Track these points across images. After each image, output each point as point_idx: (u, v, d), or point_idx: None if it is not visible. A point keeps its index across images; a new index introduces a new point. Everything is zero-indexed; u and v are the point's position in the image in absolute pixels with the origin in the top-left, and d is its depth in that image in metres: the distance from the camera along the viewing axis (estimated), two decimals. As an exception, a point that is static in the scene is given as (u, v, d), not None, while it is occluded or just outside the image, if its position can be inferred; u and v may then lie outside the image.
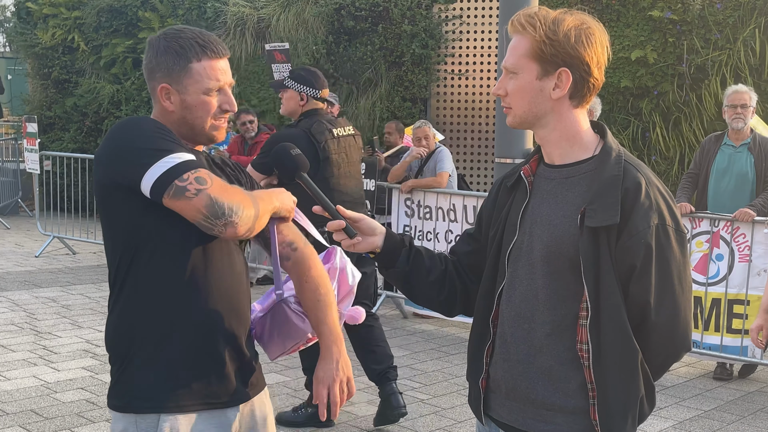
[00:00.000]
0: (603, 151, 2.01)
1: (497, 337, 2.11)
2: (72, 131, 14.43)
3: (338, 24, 12.01)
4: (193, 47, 2.16)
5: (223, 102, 2.21)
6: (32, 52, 14.94)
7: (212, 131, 2.23)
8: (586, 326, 1.94)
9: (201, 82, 2.17)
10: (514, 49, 2.00)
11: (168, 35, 2.20)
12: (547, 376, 2.00)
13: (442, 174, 7.59)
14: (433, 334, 7.10)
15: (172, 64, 2.16)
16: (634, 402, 1.98)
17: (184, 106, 2.18)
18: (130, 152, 2.08)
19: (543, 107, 2.00)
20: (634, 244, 1.91)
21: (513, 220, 2.08)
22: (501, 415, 2.11)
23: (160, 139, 2.09)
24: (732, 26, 9.54)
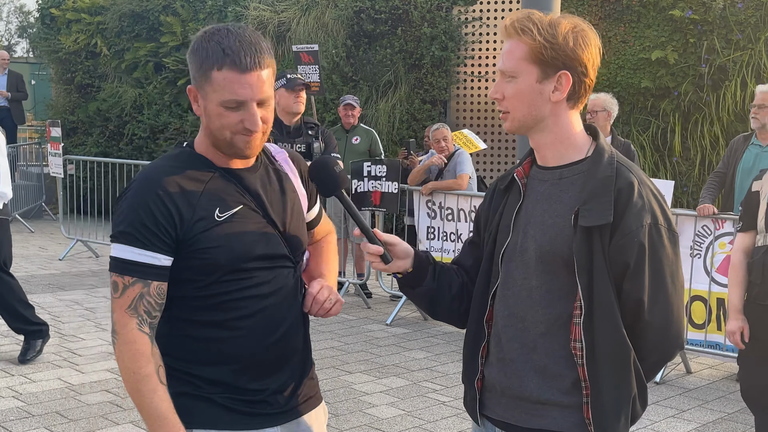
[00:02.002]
0: (596, 152, 2.03)
1: (491, 337, 2.14)
2: (95, 135, 14.56)
3: (358, 27, 12.04)
4: (216, 54, 1.99)
5: (245, 119, 2.02)
6: (55, 58, 15.09)
7: (238, 146, 2.05)
8: (580, 324, 1.97)
9: (219, 93, 2.00)
10: (511, 53, 2.01)
11: (205, 35, 2.04)
12: (542, 374, 2.02)
13: (463, 176, 7.60)
14: (454, 336, 7.11)
15: (196, 67, 2.03)
16: (627, 400, 2.00)
17: (207, 113, 2.05)
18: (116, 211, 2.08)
19: (542, 110, 2.02)
20: (628, 243, 1.94)
21: (506, 222, 2.11)
22: (497, 413, 2.12)
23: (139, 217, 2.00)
24: (753, 26, 9.48)
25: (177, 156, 2.12)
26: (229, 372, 2.10)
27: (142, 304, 2.01)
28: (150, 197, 2.01)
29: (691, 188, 9.80)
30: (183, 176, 2.06)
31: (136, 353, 1.99)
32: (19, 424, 4.80)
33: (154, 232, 2.00)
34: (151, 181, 2.04)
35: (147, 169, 2.11)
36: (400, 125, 11.75)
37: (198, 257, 2.03)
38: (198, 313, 2.08)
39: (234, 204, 2.08)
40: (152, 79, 13.98)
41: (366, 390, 5.57)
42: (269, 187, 2.17)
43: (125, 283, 2.01)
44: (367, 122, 11.29)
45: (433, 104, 11.78)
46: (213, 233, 2.04)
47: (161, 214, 2.01)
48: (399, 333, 7.17)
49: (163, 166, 2.09)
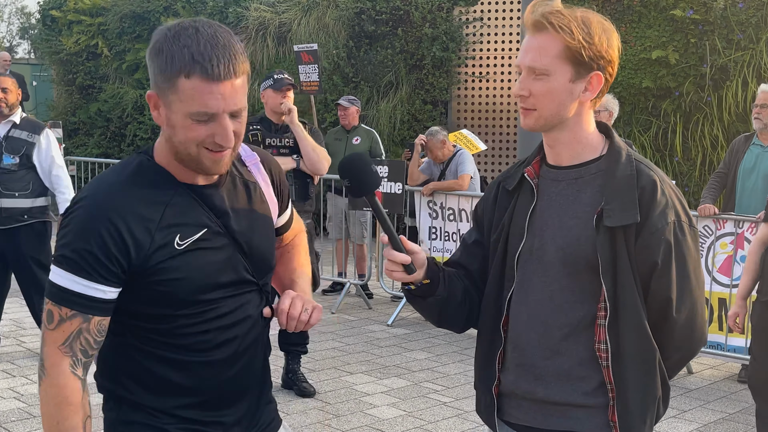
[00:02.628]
0: (611, 150, 2.00)
1: (508, 343, 2.08)
2: (96, 136, 14.57)
3: (359, 28, 12.04)
4: (183, 59, 1.70)
5: (216, 135, 1.75)
6: (56, 59, 15.11)
7: (204, 164, 1.80)
8: (605, 326, 1.93)
9: (186, 104, 1.72)
10: (544, 50, 1.91)
11: (170, 34, 1.75)
12: (566, 377, 1.99)
13: (464, 176, 7.60)
14: (455, 336, 7.10)
15: (158, 71, 1.74)
16: (653, 402, 1.97)
17: (170, 124, 1.77)
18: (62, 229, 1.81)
19: (568, 110, 1.96)
20: (655, 242, 1.91)
21: (519, 224, 2.04)
22: (517, 417, 2.08)
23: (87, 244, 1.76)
24: (755, 26, 9.47)
25: (134, 169, 1.86)
26: (185, 405, 1.92)
27: (79, 342, 1.78)
28: (102, 223, 1.76)
29: (692, 188, 9.80)
30: (140, 196, 1.81)
31: (63, 402, 1.76)
32: (21, 425, 4.81)
33: (104, 263, 1.76)
34: (104, 202, 1.78)
35: (99, 184, 1.84)
36: (401, 126, 11.75)
37: (155, 289, 1.81)
38: (153, 345, 1.87)
39: (196, 228, 1.85)
40: (153, 80, 13.98)
41: (367, 390, 5.57)
42: (237, 203, 1.94)
43: (62, 315, 1.77)
44: (368, 123, 11.29)
45: (434, 105, 11.78)
46: (173, 264, 1.81)
47: (114, 243, 1.76)
48: (400, 333, 7.17)
49: (117, 182, 1.83)
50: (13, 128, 5.96)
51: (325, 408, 5.20)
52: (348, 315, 7.80)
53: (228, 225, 1.89)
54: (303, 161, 5.30)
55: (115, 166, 1.90)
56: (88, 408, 1.80)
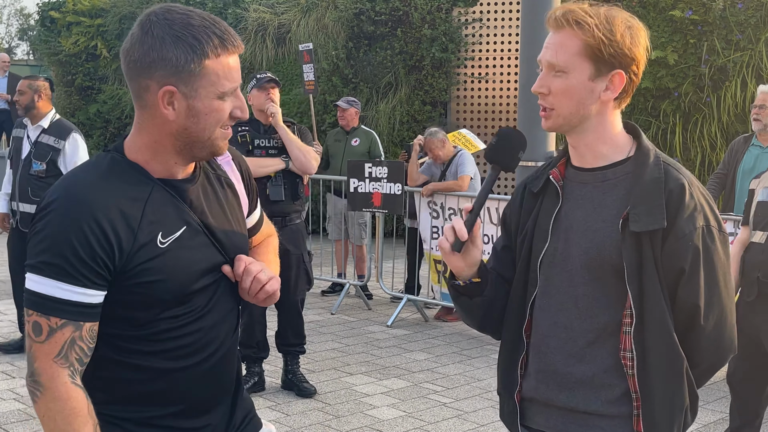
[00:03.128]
0: (639, 152, 1.94)
1: (531, 348, 2.03)
2: (95, 137, 14.57)
3: (358, 29, 12.04)
4: (211, 40, 1.69)
5: (236, 107, 1.77)
6: (56, 60, 15.11)
7: (219, 143, 1.78)
8: (630, 333, 1.88)
9: (217, 85, 1.71)
10: (564, 46, 1.87)
11: (174, 22, 1.70)
12: (589, 385, 1.94)
13: (463, 177, 7.59)
14: (454, 337, 7.10)
15: (185, 60, 1.68)
16: (680, 412, 1.92)
17: (191, 114, 1.72)
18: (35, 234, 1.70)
19: (589, 109, 1.91)
20: (682, 247, 1.86)
21: (544, 227, 2.00)
22: (539, 423, 2.04)
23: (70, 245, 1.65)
24: (754, 27, 9.48)
25: (107, 166, 1.76)
26: (166, 414, 1.83)
27: (74, 352, 1.67)
28: (84, 220, 1.65)
29: (692, 189, 9.79)
30: (119, 192, 1.72)
31: (71, 413, 1.66)
32: (20, 426, 4.80)
33: (88, 264, 1.65)
34: (81, 200, 1.67)
35: (71, 182, 1.73)
36: (401, 127, 11.76)
37: (137, 291, 1.72)
38: (130, 354, 1.78)
39: (177, 226, 1.78)
40: (152, 81, 13.99)
41: (367, 391, 5.56)
42: (211, 199, 1.88)
43: (52, 326, 1.66)
44: (367, 124, 11.29)
45: (433, 106, 11.78)
46: (156, 263, 1.73)
47: (98, 242, 1.66)
48: (400, 334, 7.17)
49: (92, 180, 1.72)
50: (42, 133, 5.98)
51: (325, 409, 5.19)
52: (347, 316, 7.80)
53: (206, 222, 1.84)
54: (292, 162, 5.31)
55: (84, 165, 1.81)
56: (95, 414, 1.71)
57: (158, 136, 1.76)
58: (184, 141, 1.75)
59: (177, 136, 1.75)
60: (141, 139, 1.78)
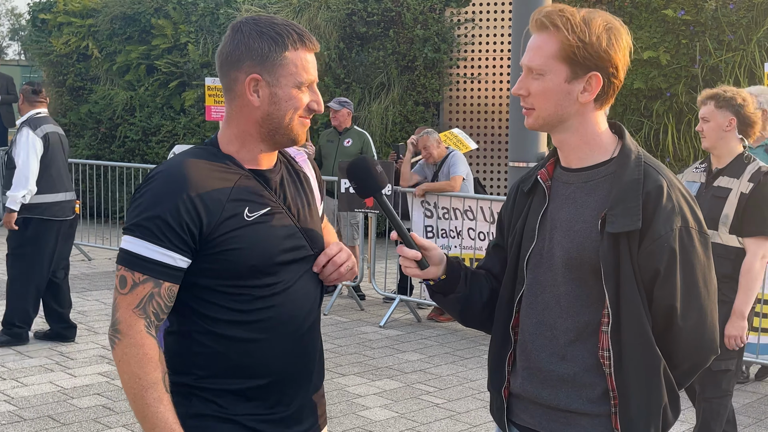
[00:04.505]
0: (622, 153, 1.97)
1: (518, 345, 2.07)
2: (87, 138, 14.52)
3: (350, 29, 12.03)
4: (291, 35, 1.94)
5: (312, 100, 1.99)
6: (47, 60, 15.05)
7: (297, 130, 1.99)
8: (608, 333, 1.91)
9: (295, 74, 1.94)
10: (540, 49, 1.92)
11: (260, 21, 1.96)
12: (571, 383, 1.97)
13: (456, 178, 7.59)
14: (447, 338, 7.10)
15: (268, 50, 1.92)
16: (657, 410, 1.94)
17: (273, 100, 1.94)
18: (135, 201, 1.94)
19: (568, 110, 1.94)
20: (658, 249, 1.88)
21: (531, 226, 2.04)
22: (524, 420, 2.08)
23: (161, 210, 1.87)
24: (745, 27, 9.51)
25: (204, 153, 2.00)
26: (256, 387, 1.98)
27: (151, 305, 1.87)
28: (177, 192, 1.88)
29: (684, 189, 9.82)
30: (211, 172, 1.94)
31: (143, 358, 1.84)
32: (11, 428, 4.78)
33: (175, 230, 1.87)
34: (178, 174, 1.91)
35: (172, 162, 1.97)
36: (393, 127, 11.75)
37: (225, 258, 1.91)
38: (221, 325, 1.95)
39: (263, 205, 1.98)
40: (144, 82, 13.95)
41: (359, 392, 5.56)
42: (292, 188, 2.08)
43: (135, 280, 1.87)
44: (360, 124, 11.29)
45: (426, 106, 11.79)
46: (242, 233, 1.93)
47: (186, 210, 1.87)
48: (392, 335, 7.16)
49: (190, 161, 1.95)
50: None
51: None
52: (340, 316, 7.79)
53: (288, 205, 2.03)
54: None
55: (185, 152, 2.02)
56: (165, 365, 1.88)
57: (245, 125, 1.97)
58: (268, 127, 1.96)
59: (262, 123, 1.96)
60: (231, 131, 2.00)
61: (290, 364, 2.02)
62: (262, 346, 1.97)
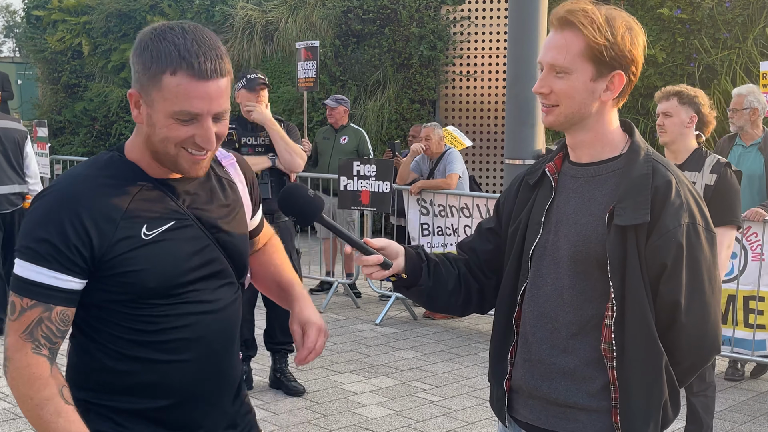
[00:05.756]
0: (631, 149, 1.97)
1: (520, 337, 2.08)
2: (82, 135, 14.50)
3: (346, 27, 12.02)
4: (170, 56, 1.70)
5: (197, 136, 1.75)
6: (41, 57, 15.02)
7: (182, 165, 1.79)
8: (611, 326, 1.91)
9: (170, 102, 1.72)
10: (565, 48, 1.90)
11: (156, 32, 1.74)
12: (571, 376, 1.97)
13: (452, 175, 7.59)
14: (443, 335, 7.10)
15: (142, 69, 1.73)
16: (657, 406, 1.94)
17: (149, 122, 1.76)
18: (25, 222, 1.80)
19: (590, 108, 1.94)
20: (665, 243, 1.88)
21: (536, 218, 2.04)
22: (523, 415, 2.08)
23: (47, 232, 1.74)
24: (741, 25, 9.52)
25: (104, 164, 1.84)
26: (158, 408, 1.87)
27: (40, 330, 1.75)
28: (64, 211, 1.74)
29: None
30: (107, 188, 1.79)
31: (31, 377, 1.74)
32: (7, 426, 4.77)
33: (63, 252, 1.74)
34: (68, 193, 1.77)
35: (67, 177, 1.82)
36: (389, 125, 11.74)
37: (120, 280, 1.78)
38: (122, 343, 1.83)
39: (165, 219, 1.82)
40: (139, 79, 13.94)
41: (355, 390, 5.55)
42: (210, 197, 1.92)
43: (23, 306, 1.75)
44: (356, 122, 11.28)
45: (421, 104, 11.78)
46: (138, 254, 1.78)
47: (74, 232, 1.73)
48: (388, 333, 7.16)
49: (85, 175, 1.81)
50: None
51: (313, 407, 5.18)
52: (336, 314, 7.78)
53: (200, 217, 1.88)
54: (278, 159, 5.28)
55: (85, 162, 1.89)
56: (61, 379, 1.78)
57: (142, 137, 1.83)
58: (153, 149, 1.80)
59: (147, 141, 1.81)
60: (137, 137, 1.85)
61: (200, 385, 1.90)
62: (168, 366, 1.85)
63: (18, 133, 6.72)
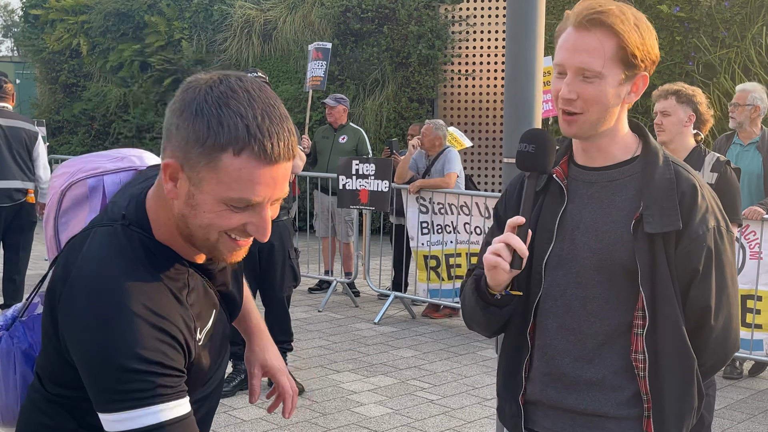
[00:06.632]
0: (647, 151, 1.90)
1: (536, 351, 1.97)
2: (80, 134, 14.49)
3: (344, 26, 12.02)
4: (237, 131, 1.34)
5: (250, 225, 1.42)
6: (39, 57, 15.01)
7: (221, 250, 1.46)
8: (642, 335, 1.85)
9: (225, 186, 1.37)
10: (597, 51, 1.78)
11: (213, 92, 1.37)
12: (599, 387, 1.90)
13: (450, 174, 7.59)
14: (441, 334, 7.10)
15: (194, 138, 1.35)
16: (689, 412, 1.89)
17: (191, 204, 1.41)
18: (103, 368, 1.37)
19: (614, 112, 1.85)
20: (696, 248, 1.83)
21: (548, 226, 1.94)
22: (545, 426, 1.99)
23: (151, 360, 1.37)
24: (739, 24, 9.52)
25: (136, 248, 1.46)
26: None
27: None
28: (147, 327, 1.38)
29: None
30: (162, 283, 1.45)
31: None
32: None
33: (177, 370, 1.41)
34: (132, 300, 1.39)
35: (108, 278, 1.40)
36: (388, 123, 11.75)
37: None
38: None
39: (209, 312, 1.56)
40: (138, 78, 13.93)
41: (354, 389, 5.55)
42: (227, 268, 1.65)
43: None
44: (354, 120, 11.28)
45: (420, 102, 11.78)
46: (194, 363, 1.51)
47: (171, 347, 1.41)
48: (387, 331, 7.16)
49: (130, 269, 1.43)
50: None
51: (312, 406, 5.18)
52: (335, 313, 7.78)
53: (222, 294, 1.64)
54: None
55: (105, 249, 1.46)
56: None
57: (171, 214, 1.47)
58: (184, 231, 1.46)
59: (178, 220, 1.45)
60: (161, 214, 1.49)
61: None
62: None
63: (27, 133, 6.87)
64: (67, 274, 1.44)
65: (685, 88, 4.24)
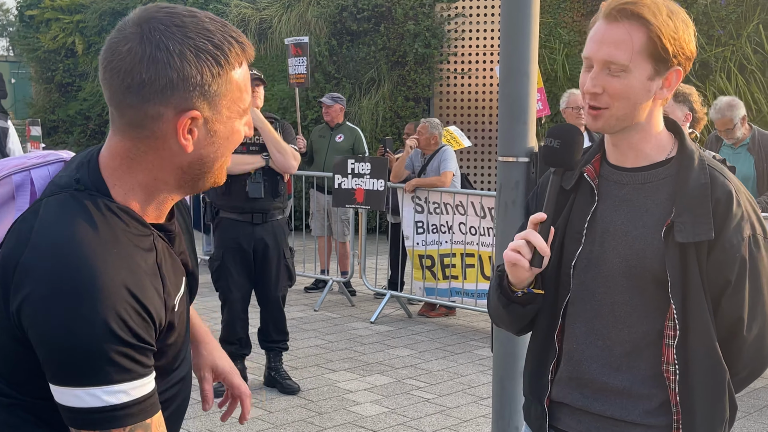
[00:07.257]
0: (683, 153, 1.82)
1: (563, 354, 1.93)
2: (75, 134, 14.47)
3: (340, 25, 12.01)
4: (233, 47, 1.38)
5: (246, 124, 1.47)
6: (35, 56, 14.99)
7: (224, 169, 1.48)
8: (673, 346, 1.79)
9: (239, 101, 1.40)
10: (625, 44, 1.71)
11: (186, 27, 1.34)
12: (627, 395, 1.86)
13: (446, 173, 7.58)
14: (438, 333, 7.10)
15: (211, 77, 1.35)
16: (720, 425, 1.84)
17: (210, 141, 1.40)
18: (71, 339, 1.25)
19: (643, 109, 1.77)
20: (729, 259, 1.76)
21: (577, 228, 1.87)
22: (570, 425, 1.95)
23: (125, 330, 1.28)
24: (735, 22, 9.53)
25: (100, 210, 1.35)
26: None
27: None
28: (117, 299, 1.27)
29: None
30: (131, 250, 1.34)
31: None
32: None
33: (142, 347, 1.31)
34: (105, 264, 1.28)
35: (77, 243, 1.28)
36: (384, 122, 11.74)
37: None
38: None
39: (179, 279, 1.49)
40: (133, 78, 13.93)
41: (350, 388, 5.55)
42: (185, 232, 1.60)
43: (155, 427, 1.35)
44: (350, 120, 11.27)
45: (416, 101, 11.78)
46: (170, 330, 1.43)
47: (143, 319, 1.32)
48: (383, 331, 7.16)
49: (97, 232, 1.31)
50: None
51: (308, 405, 5.17)
52: (331, 312, 7.78)
53: (186, 264, 1.55)
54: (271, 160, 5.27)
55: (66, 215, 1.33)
56: None
57: (161, 172, 1.40)
58: (195, 173, 1.43)
59: (187, 169, 1.41)
60: (134, 178, 1.40)
61: None
62: None
63: None
64: (24, 245, 1.30)
65: (682, 87, 4.26)
